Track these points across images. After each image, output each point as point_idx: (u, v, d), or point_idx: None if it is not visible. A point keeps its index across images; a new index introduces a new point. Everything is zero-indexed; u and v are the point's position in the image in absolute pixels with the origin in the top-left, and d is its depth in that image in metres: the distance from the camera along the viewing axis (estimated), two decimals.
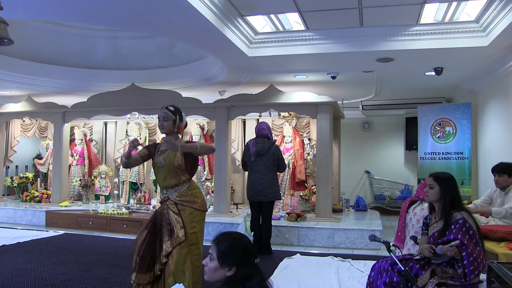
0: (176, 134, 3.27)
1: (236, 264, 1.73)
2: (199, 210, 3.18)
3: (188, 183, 3.24)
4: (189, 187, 3.24)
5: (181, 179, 3.20)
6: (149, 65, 7.52)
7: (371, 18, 4.84)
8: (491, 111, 6.39)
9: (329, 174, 6.40)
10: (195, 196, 3.22)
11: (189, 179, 3.26)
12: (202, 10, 4.10)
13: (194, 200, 3.20)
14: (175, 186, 3.21)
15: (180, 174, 3.20)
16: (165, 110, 3.20)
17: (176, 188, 3.21)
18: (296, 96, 6.52)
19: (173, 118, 3.20)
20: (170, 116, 3.20)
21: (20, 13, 4.49)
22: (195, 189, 3.28)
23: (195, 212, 3.16)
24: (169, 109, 3.22)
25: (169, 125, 3.19)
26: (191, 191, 3.23)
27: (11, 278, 3.99)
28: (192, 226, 3.12)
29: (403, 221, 3.60)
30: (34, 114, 8.23)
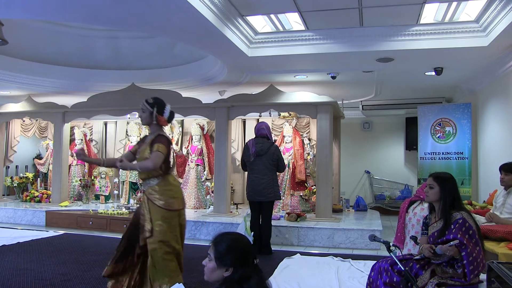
0: (157, 126, 3.25)
1: (233, 265, 1.73)
2: (163, 209, 3.13)
3: (159, 178, 3.18)
4: (160, 183, 3.18)
5: (151, 173, 3.17)
6: (149, 65, 7.52)
7: (371, 18, 4.84)
8: (491, 111, 6.39)
9: (329, 174, 6.40)
10: (164, 194, 3.15)
11: (161, 175, 3.19)
12: (202, 10, 4.10)
13: (160, 198, 3.14)
14: (145, 179, 3.21)
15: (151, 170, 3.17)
16: (143, 102, 3.22)
17: (147, 182, 3.20)
18: (296, 96, 6.52)
19: (150, 111, 3.18)
20: (146, 108, 3.19)
21: (20, 13, 4.49)
22: (168, 186, 3.20)
23: (159, 209, 3.12)
24: (147, 101, 3.22)
25: (146, 116, 3.19)
26: (162, 188, 3.17)
27: (11, 278, 3.99)
28: (158, 223, 3.09)
29: (403, 222, 3.59)
30: (34, 114, 8.23)
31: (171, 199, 3.16)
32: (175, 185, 3.26)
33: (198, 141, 8.06)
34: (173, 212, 3.17)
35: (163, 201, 3.13)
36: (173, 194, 3.20)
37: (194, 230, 6.23)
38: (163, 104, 3.27)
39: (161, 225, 3.10)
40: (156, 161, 3.05)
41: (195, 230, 6.22)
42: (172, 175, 3.31)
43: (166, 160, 3.18)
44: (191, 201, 7.71)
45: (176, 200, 3.20)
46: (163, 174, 3.18)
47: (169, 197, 3.16)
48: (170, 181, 3.22)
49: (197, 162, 7.95)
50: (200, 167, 7.97)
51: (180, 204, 3.24)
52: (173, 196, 3.20)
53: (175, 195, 3.21)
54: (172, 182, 3.23)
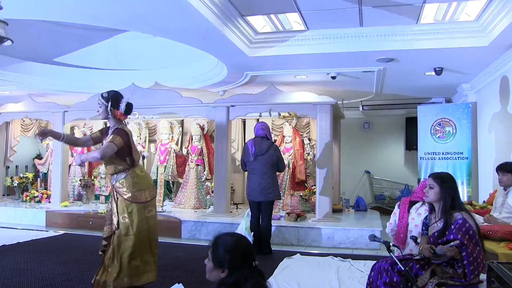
0: (116, 120, 3.22)
1: (229, 266, 1.73)
2: (130, 202, 3.12)
3: (126, 172, 3.15)
4: (127, 177, 3.15)
5: (117, 168, 3.15)
6: (149, 65, 7.51)
7: (371, 18, 4.84)
8: (491, 111, 6.39)
9: (329, 174, 6.39)
10: (131, 186, 3.13)
11: (128, 168, 3.16)
12: (202, 10, 4.10)
13: (127, 191, 3.12)
14: (113, 174, 3.17)
15: (117, 163, 3.15)
16: (99, 96, 3.21)
17: (115, 177, 3.18)
18: (296, 96, 6.52)
19: (105, 105, 3.15)
20: (102, 103, 3.18)
21: (20, 13, 4.49)
22: (135, 178, 3.17)
23: (125, 202, 3.11)
24: (102, 96, 3.20)
25: (102, 111, 3.17)
26: (129, 181, 3.15)
27: (11, 278, 3.99)
28: (124, 216, 3.08)
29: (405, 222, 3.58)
30: (34, 114, 8.22)
31: (138, 192, 3.15)
32: (142, 177, 3.23)
33: (198, 141, 8.06)
34: (140, 205, 3.16)
35: (130, 193, 3.12)
36: (140, 186, 3.18)
37: (194, 230, 6.23)
38: (119, 97, 3.23)
39: (125, 218, 3.09)
40: (105, 151, 2.99)
41: (195, 230, 6.22)
42: (140, 166, 3.29)
43: (129, 152, 3.15)
44: (191, 201, 7.71)
45: (143, 192, 3.17)
46: (130, 167, 3.16)
47: (136, 189, 3.14)
48: (137, 173, 3.19)
49: (197, 162, 7.95)
50: (200, 167, 7.98)
51: (148, 196, 3.21)
52: (140, 188, 3.18)
53: (142, 187, 3.19)
54: (139, 174, 3.20)
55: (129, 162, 3.15)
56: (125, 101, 3.24)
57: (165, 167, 8.17)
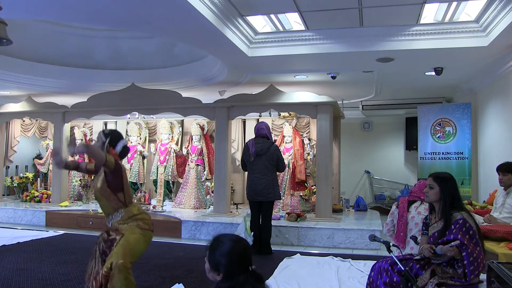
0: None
1: (224, 270, 1.71)
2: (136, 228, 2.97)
3: (121, 212, 3.00)
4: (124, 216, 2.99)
5: (112, 207, 2.99)
6: (149, 65, 7.52)
7: (371, 18, 4.84)
8: (491, 111, 6.39)
9: (329, 174, 6.40)
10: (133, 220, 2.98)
11: (122, 207, 3.00)
12: (202, 10, 4.11)
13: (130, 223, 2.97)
14: (109, 214, 3.03)
15: (110, 202, 2.98)
16: (100, 132, 3.13)
17: (110, 217, 3.03)
18: (296, 96, 6.52)
19: (103, 141, 3.04)
20: (100, 137, 3.08)
21: (20, 13, 4.49)
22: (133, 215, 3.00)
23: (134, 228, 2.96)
24: (104, 131, 3.11)
25: (98, 146, 3.04)
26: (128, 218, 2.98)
27: (11, 278, 3.99)
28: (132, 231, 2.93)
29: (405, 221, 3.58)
30: (34, 114, 8.23)
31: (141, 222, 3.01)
32: (141, 213, 3.07)
33: (198, 141, 8.06)
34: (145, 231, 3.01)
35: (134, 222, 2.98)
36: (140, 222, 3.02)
37: (194, 230, 6.23)
38: (119, 137, 3.12)
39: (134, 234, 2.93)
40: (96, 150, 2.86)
41: (195, 230, 6.23)
42: (135, 204, 3.12)
43: (122, 187, 2.99)
44: (191, 201, 7.71)
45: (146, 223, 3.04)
46: (125, 205, 3.01)
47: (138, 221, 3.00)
48: (133, 212, 3.02)
49: (197, 162, 7.95)
50: (200, 167, 7.98)
51: (151, 227, 3.06)
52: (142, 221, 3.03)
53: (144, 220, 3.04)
54: (136, 213, 3.03)
55: (121, 198, 2.99)
56: (123, 143, 3.11)
57: (165, 167, 8.17)
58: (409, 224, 3.51)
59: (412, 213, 3.50)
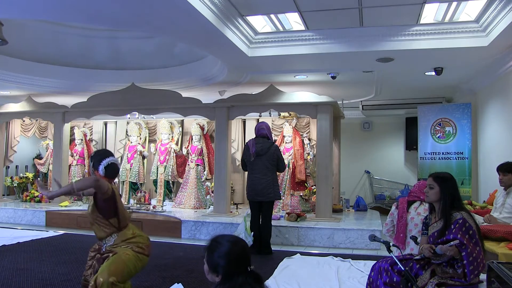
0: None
1: (223, 272, 1.71)
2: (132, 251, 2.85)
3: (115, 236, 2.89)
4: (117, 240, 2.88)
5: (105, 232, 2.88)
6: (149, 65, 7.52)
7: (371, 18, 4.84)
8: (491, 111, 6.39)
9: (329, 174, 6.40)
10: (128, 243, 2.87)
11: (116, 232, 2.90)
12: (202, 10, 4.11)
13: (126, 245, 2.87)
14: (103, 238, 2.92)
15: (102, 227, 2.88)
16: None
17: (104, 242, 2.92)
18: (296, 96, 6.52)
19: (90, 163, 2.98)
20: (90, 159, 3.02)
21: (20, 13, 4.49)
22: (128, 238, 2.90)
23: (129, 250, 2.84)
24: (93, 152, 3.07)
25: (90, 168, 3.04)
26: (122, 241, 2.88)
27: (11, 278, 3.99)
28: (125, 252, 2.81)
29: (405, 222, 3.57)
30: (34, 114, 8.23)
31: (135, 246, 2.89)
32: (135, 236, 2.95)
33: (198, 141, 8.06)
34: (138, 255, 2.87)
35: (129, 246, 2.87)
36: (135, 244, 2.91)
37: (194, 230, 6.23)
38: (101, 157, 2.98)
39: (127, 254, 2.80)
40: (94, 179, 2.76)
41: (195, 230, 6.23)
42: (130, 226, 3.00)
43: (115, 211, 2.87)
44: (191, 201, 7.71)
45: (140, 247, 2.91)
46: (118, 229, 2.90)
47: (132, 245, 2.88)
48: (127, 236, 2.91)
49: (197, 162, 7.95)
50: (200, 167, 7.98)
51: (145, 249, 2.93)
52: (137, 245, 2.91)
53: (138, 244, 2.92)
54: (130, 236, 2.92)
55: (114, 224, 2.87)
56: (106, 162, 2.95)
57: (165, 167, 8.17)
58: (409, 225, 3.50)
59: (412, 214, 3.50)
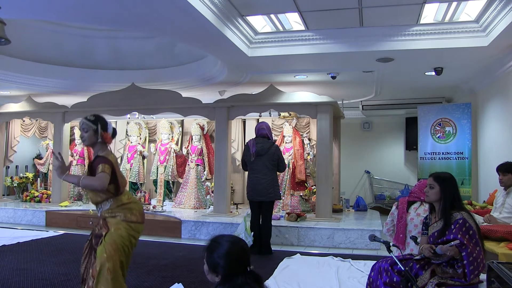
0: (102, 145, 2.93)
1: (222, 272, 1.71)
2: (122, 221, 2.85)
3: (110, 201, 2.89)
4: (113, 205, 2.88)
5: (100, 196, 2.87)
6: (149, 65, 7.52)
7: (371, 18, 4.84)
8: (491, 111, 6.39)
9: (329, 174, 6.40)
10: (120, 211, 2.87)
11: (112, 197, 2.89)
12: (202, 10, 4.11)
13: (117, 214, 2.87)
14: (98, 204, 2.91)
15: (98, 193, 2.87)
16: (83, 120, 2.91)
17: (100, 207, 2.92)
18: (296, 96, 6.52)
19: (94, 128, 2.89)
20: (89, 126, 2.88)
21: (21, 13, 4.49)
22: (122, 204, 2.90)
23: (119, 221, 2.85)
24: (88, 119, 2.91)
25: (90, 136, 2.88)
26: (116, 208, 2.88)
27: (11, 278, 3.99)
28: (117, 227, 2.82)
29: (404, 222, 3.57)
30: (34, 114, 8.23)
31: (129, 211, 2.90)
32: (130, 202, 2.96)
33: (198, 141, 8.06)
34: (133, 224, 2.90)
35: (122, 213, 2.88)
36: (129, 211, 2.91)
37: (194, 230, 6.23)
38: (105, 119, 3.00)
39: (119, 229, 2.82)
40: (103, 182, 2.74)
41: (195, 230, 6.23)
42: (127, 193, 3.02)
43: (113, 180, 2.86)
44: (191, 201, 7.71)
45: (134, 214, 2.92)
46: (114, 195, 2.90)
47: (126, 212, 2.89)
48: (123, 201, 2.92)
49: (197, 162, 7.95)
50: (200, 167, 7.98)
51: (139, 217, 2.94)
52: (130, 211, 2.92)
53: (132, 210, 2.92)
54: (125, 201, 2.93)
55: (111, 190, 2.87)
56: (111, 125, 3.01)
57: (165, 167, 8.17)
58: (408, 226, 3.49)
59: (412, 214, 3.49)
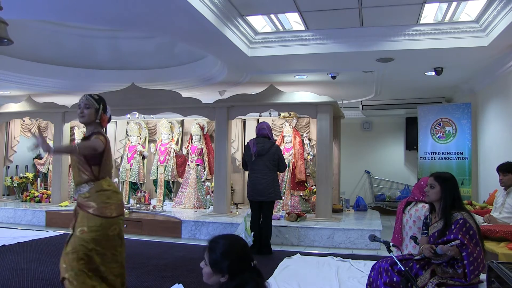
0: (98, 126, 2.88)
1: (229, 271, 1.70)
2: (92, 214, 2.72)
3: (91, 184, 2.78)
4: (91, 190, 2.77)
5: (81, 176, 2.77)
6: (149, 65, 7.52)
7: (371, 18, 4.84)
8: (491, 111, 6.39)
9: (329, 174, 6.40)
10: (95, 199, 2.75)
11: (93, 180, 2.78)
12: (202, 10, 4.11)
13: (90, 204, 2.74)
14: (77, 185, 2.81)
15: (81, 169, 2.77)
16: (88, 97, 2.85)
17: (78, 189, 2.81)
18: (296, 96, 6.52)
19: (96, 107, 2.83)
20: (93, 103, 2.83)
21: (21, 13, 4.49)
22: (100, 191, 2.78)
23: (87, 215, 2.72)
24: (93, 96, 2.87)
25: (91, 113, 2.82)
26: (94, 194, 2.76)
27: (11, 278, 3.99)
28: (82, 230, 2.69)
29: (400, 223, 3.58)
30: (34, 114, 8.23)
31: (104, 204, 2.76)
32: (109, 190, 2.83)
33: (198, 141, 8.06)
34: (105, 220, 2.74)
35: (95, 205, 2.74)
36: (106, 199, 2.78)
37: (194, 230, 6.23)
38: (106, 103, 2.97)
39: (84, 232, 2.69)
40: (99, 144, 2.69)
41: (195, 230, 6.23)
42: (108, 179, 2.88)
43: (99, 160, 2.78)
44: (191, 201, 7.71)
45: (109, 206, 2.78)
46: (95, 179, 2.79)
47: (102, 201, 2.76)
48: (103, 186, 2.80)
49: (197, 162, 7.95)
50: (200, 167, 7.98)
51: (114, 211, 2.79)
52: (106, 201, 2.77)
53: (109, 201, 2.79)
54: (106, 188, 2.81)
55: (95, 172, 2.77)
56: (109, 109, 2.98)
57: (165, 167, 8.17)
58: (405, 227, 3.51)
59: (406, 215, 3.50)
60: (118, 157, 9.05)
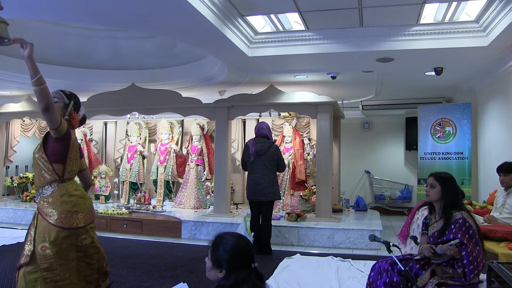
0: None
1: (227, 267, 1.73)
2: (53, 226, 2.36)
3: (54, 186, 2.46)
4: (55, 194, 2.44)
5: (44, 177, 2.45)
6: (149, 65, 7.52)
7: (371, 18, 4.84)
8: (491, 111, 6.39)
9: (329, 174, 6.40)
10: (58, 205, 2.41)
11: (57, 181, 2.46)
12: (202, 10, 4.11)
13: (51, 212, 2.40)
14: (39, 187, 2.49)
15: (44, 168, 2.45)
16: (58, 91, 2.63)
17: (40, 191, 2.49)
18: (296, 96, 6.52)
19: (66, 102, 2.57)
20: (62, 97, 2.58)
21: (20, 13, 4.49)
22: (64, 196, 2.44)
23: (48, 227, 2.37)
24: (64, 91, 2.63)
25: (59, 107, 2.55)
26: (57, 199, 2.42)
27: (11, 278, 3.99)
28: (44, 246, 2.35)
29: (411, 218, 3.70)
30: (34, 114, 8.22)
31: (68, 214, 2.42)
32: (76, 196, 2.49)
33: (198, 141, 8.07)
34: (68, 231, 2.39)
35: (56, 215, 2.39)
36: (71, 207, 2.43)
37: (194, 230, 6.23)
38: (80, 102, 2.70)
39: (46, 248, 2.34)
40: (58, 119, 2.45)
41: (195, 230, 6.23)
42: (75, 182, 2.56)
43: (64, 158, 2.47)
44: (191, 201, 7.71)
45: (75, 215, 2.44)
46: (60, 180, 2.47)
47: (65, 210, 2.41)
48: (69, 190, 2.47)
49: (197, 162, 7.95)
50: (200, 167, 7.98)
51: (81, 221, 2.45)
52: (71, 210, 2.43)
53: (74, 209, 2.44)
54: (72, 192, 2.47)
55: (58, 171, 2.45)
56: (83, 110, 2.69)
57: (165, 167, 8.18)
58: (413, 224, 3.63)
59: (418, 214, 3.61)
60: (118, 157, 9.06)
